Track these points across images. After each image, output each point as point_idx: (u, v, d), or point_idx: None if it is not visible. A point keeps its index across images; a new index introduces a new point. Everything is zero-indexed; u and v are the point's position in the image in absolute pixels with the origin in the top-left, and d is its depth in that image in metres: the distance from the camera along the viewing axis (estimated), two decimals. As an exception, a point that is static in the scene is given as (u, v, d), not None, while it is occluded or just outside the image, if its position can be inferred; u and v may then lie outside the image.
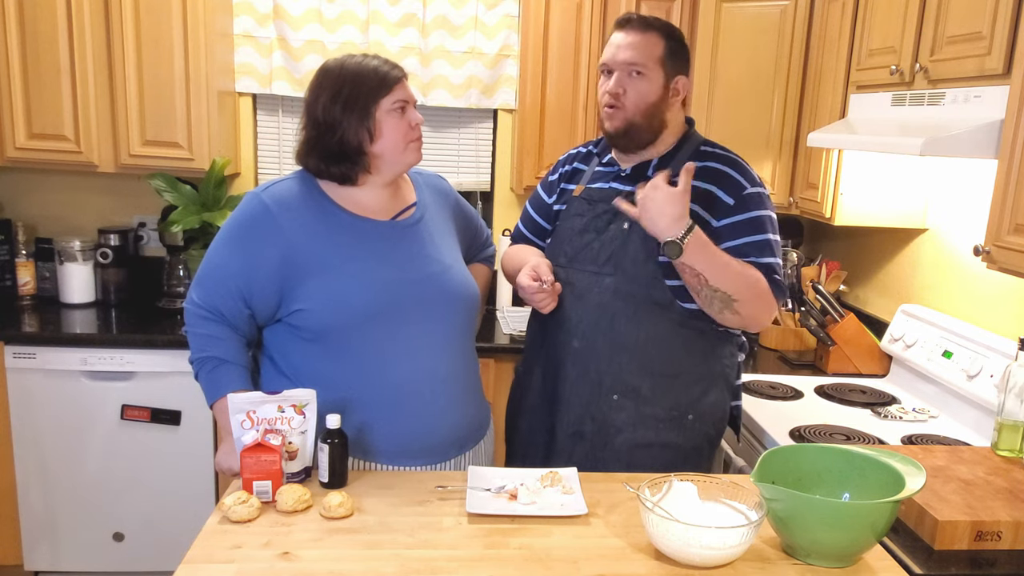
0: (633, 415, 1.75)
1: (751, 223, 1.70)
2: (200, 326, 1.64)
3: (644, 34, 1.72)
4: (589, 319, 1.75)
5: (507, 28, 3.27)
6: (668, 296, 1.71)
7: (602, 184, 1.83)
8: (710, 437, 1.82)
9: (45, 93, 2.87)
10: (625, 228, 1.74)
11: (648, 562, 1.33)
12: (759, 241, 1.70)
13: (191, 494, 2.86)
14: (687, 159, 1.73)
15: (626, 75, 1.72)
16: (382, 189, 1.69)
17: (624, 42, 1.72)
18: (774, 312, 1.74)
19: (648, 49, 1.71)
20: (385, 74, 1.61)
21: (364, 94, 1.59)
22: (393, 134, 1.62)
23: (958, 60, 1.83)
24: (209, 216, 2.97)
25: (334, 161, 1.62)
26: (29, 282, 3.16)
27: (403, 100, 1.62)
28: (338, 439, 1.51)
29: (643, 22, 1.73)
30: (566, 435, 1.80)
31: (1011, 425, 1.77)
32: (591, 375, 1.76)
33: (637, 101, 1.72)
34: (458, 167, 3.45)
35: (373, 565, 1.29)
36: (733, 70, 2.79)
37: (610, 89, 1.73)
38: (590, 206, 1.82)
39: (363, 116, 1.59)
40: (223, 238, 1.64)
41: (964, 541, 1.45)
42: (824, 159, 2.53)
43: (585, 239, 1.79)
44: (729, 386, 1.84)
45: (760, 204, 1.72)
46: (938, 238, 2.49)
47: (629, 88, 1.72)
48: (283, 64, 3.20)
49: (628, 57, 1.71)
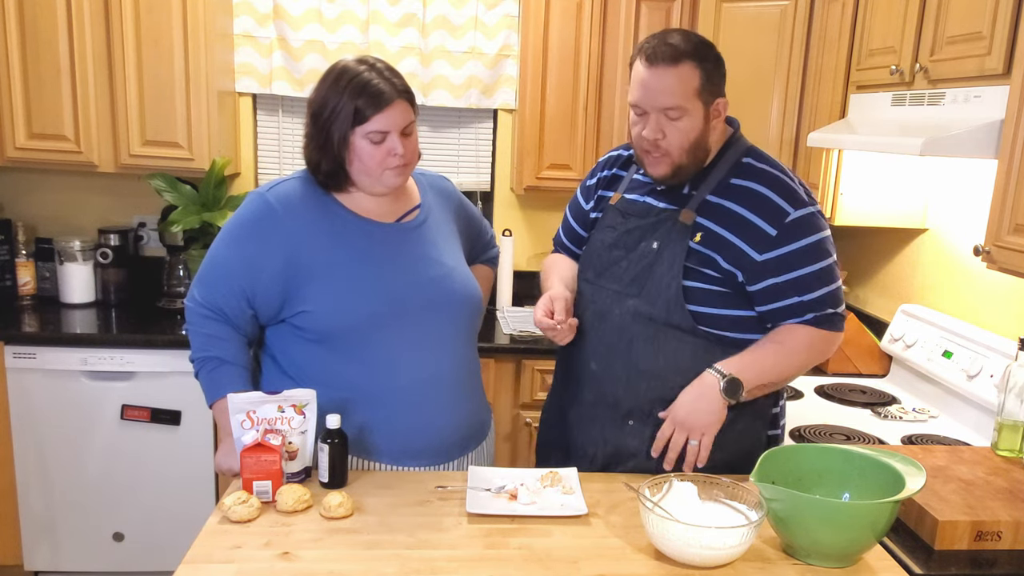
0: (647, 442, 1.65)
1: (796, 256, 1.56)
2: (202, 325, 1.64)
3: (676, 68, 1.53)
4: (607, 341, 1.68)
5: (507, 28, 3.27)
6: (689, 321, 1.60)
7: (636, 196, 1.72)
8: (734, 468, 1.64)
9: (45, 93, 2.87)
10: (655, 248, 1.64)
11: (648, 562, 1.33)
12: (807, 275, 1.57)
13: (191, 494, 2.86)
14: (725, 174, 1.63)
15: (664, 118, 1.56)
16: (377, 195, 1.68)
17: (656, 84, 1.54)
18: (836, 345, 1.65)
19: (683, 85, 1.54)
20: (373, 95, 1.54)
21: (343, 118, 1.55)
22: (367, 161, 1.58)
23: (958, 60, 1.83)
24: (209, 216, 2.97)
25: (318, 169, 1.62)
26: (29, 282, 3.16)
27: (381, 131, 1.56)
28: (338, 439, 1.51)
29: (672, 54, 1.53)
30: (579, 458, 1.74)
31: (1011, 425, 1.77)
32: (608, 398, 1.69)
33: (681, 142, 1.57)
34: (458, 167, 3.45)
35: (373, 565, 1.29)
36: (733, 70, 2.75)
37: (648, 135, 1.58)
38: (623, 220, 1.71)
39: (341, 136, 1.57)
40: (226, 237, 1.64)
41: (964, 541, 1.45)
42: (824, 159, 2.53)
43: (613, 255, 1.70)
44: (762, 415, 1.70)
45: (806, 230, 1.57)
46: (938, 238, 2.49)
47: (669, 131, 1.57)
48: (283, 64, 3.20)
49: (664, 102, 1.55)
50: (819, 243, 1.59)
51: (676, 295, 1.60)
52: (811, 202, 1.61)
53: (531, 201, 3.47)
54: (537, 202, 3.47)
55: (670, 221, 1.65)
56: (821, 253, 1.59)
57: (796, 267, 1.57)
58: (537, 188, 3.18)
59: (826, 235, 1.61)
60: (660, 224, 1.66)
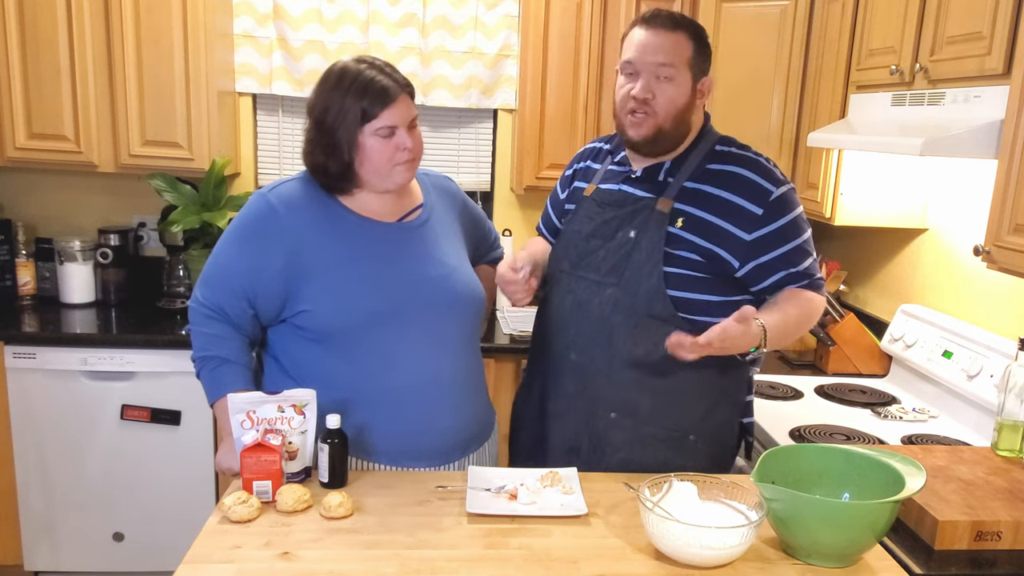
0: (631, 434, 1.68)
1: (782, 232, 1.64)
2: (204, 325, 1.64)
3: (673, 33, 1.61)
4: (588, 332, 1.69)
5: (507, 28, 3.27)
6: (670, 309, 1.63)
7: (612, 185, 1.76)
8: (716, 459, 1.73)
9: (45, 93, 2.87)
10: (632, 236, 1.67)
11: (648, 562, 1.33)
12: (792, 249, 1.64)
13: (191, 494, 2.86)
14: (701, 160, 1.68)
15: (655, 78, 1.61)
16: (386, 192, 1.68)
17: (652, 42, 1.61)
18: (823, 308, 1.72)
19: (677, 50, 1.61)
20: (378, 92, 1.55)
21: (351, 117, 1.55)
22: (377, 158, 1.58)
23: (958, 60, 1.83)
24: (209, 216, 2.97)
25: (325, 173, 1.62)
26: (29, 282, 3.16)
27: (390, 126, 1.57)
28: (338, 439, 1.51)
29: (671, 20, 1.62)
30: (560, 451, 1.74)
31: (1011, 425, 1.77)
32: (589, 390, 1.70)
33: (667, 106, 1.62)
34: (458, 167, 3.45)
35: (373, 565, 1.29)
36: (733, 70, 2.79)
37: (637, 93, 1.62)
38: (599, 209, 1.74)
39: (348, 137, 1.57)
40: (229, 237, 1.64)
41: (964, 541, 1.45)
42: (824, 159, 2.53)
43: (591, 245, 1.72)
44: (736, 403, 1.76)
45: (788, 206, 1.65)
46: (938, 238, 2.49)
47: (658, 92, 1.61)
48: (283, 64, 3.20)
49: (658, 59, 1.60)
50: (799, 217, 1.68)
51: (657, 283, 1.63)
52: (785, 180, 1.69)
53: (531, 201, 3.47)
54: (537, 202, 3.47)
55: (647, 210, 1.67)
56: (803, 226, 1.68)
57: (784, 242, 1.64)
58: (537, 188, 3.18)
59: (802, 210, 1.69)
60: (637, 213, 1.68)
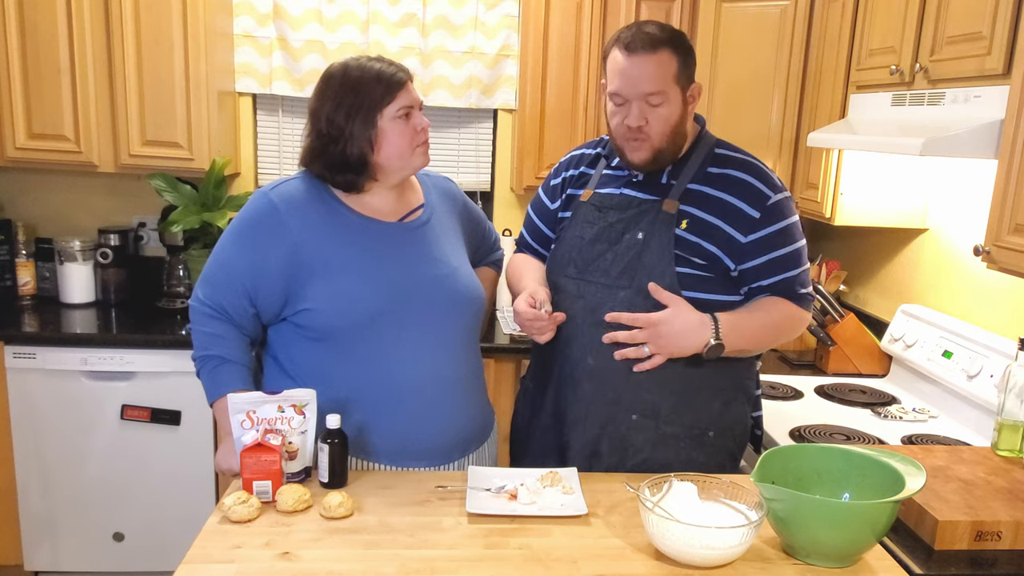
0: (652, 435, 1.69)
1: (778, 236, 1.65)
2: (204, 324, 1.64)
3: (655, 55, 1.59)
4: (603, 335, 1.66)
5: (507, 28, 3.27)
6: None
7: (612, 190, 1.75)
8: (732, 453, 1.76)
9: (45, 93, 2.87)
10: (640, 238, 1.67)
11: (648, 562, 1.33)
12: (786, 255, 1.66)
13: (191, 494, 2.86)
14: (702, 163, 1.69)
15: (646, 105, 1.61)
16: (389, 191, 1.68)
17: (636, 71, 1.59)
18: (805, 326, 1.73)
19: (662, 72, 1.59)
20: (388, 79, 1.59)
21: (367, 105, 1.57)
22: (399, 141, 1.60)
23: (958, 60, 1.83)
24: (209, 216, 2.97)
25: (338, 171, 1.62)
26: (29, 282, 3.16)
27: (407, 106, 1.61)
28: (338, 439, 1.51)
29: (650, 41, 1.59)
30: (581, 456, 1.73)
31: (1011, 425, 1.77)
32: (608, 394, 1.69)
33: (662, 129, 1.63)
34: (458, 167, 3.45)
35: (373, 565, 1.29)
36: (733, 70, 2.79)
37: (631, 123, 1.62)
38: (600, 213, 1.73)
39: (366, 126, 1.58)
40: (230, 236, 1.65)
41: (964, 541, 1.45)
42: (824, 159, 2.53)
43: (596, 249, 1.71)
44: (749, 397, 1.78)
45: (784, 212, 1.66)
46: (938, 238, 2.49)
47: (651, 118, 1.61)
48: (283, 64, 3.20)
49: (646, 89, 1.59)
50: (794, 225, 1.69)
51: (671, 283, 1.64)
52: (783, 187, 1.71)
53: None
54: (537, 202, 3.47)
55: (653, 211, 1.68)
56: (797, 234, 1.69)
57: (777, 247, 1.66)
58: (537, 188, 3.17)
59: (797, 219, 1.71)
60: (643, 215, 1.69)
